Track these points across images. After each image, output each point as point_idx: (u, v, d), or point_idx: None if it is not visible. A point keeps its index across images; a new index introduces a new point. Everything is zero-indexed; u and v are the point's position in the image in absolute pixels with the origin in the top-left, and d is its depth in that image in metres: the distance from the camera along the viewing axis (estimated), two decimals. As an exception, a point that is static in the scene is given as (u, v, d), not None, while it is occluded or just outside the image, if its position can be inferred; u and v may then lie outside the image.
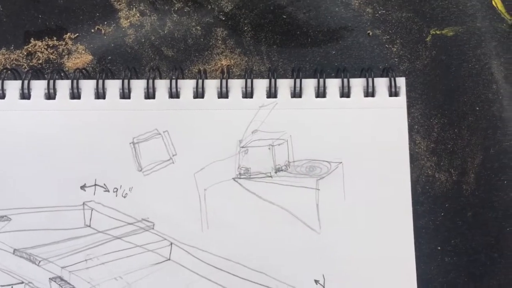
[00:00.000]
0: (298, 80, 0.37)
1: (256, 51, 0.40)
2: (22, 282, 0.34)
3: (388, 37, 0.41)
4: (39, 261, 0.34)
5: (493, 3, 0.41)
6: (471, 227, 0.37)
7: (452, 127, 0.38)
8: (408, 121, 0.38)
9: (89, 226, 0.35)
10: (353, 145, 0.36)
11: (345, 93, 0.37)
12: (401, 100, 0.37)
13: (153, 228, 0.35)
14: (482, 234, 0.37)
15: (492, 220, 0.37)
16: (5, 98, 0.36)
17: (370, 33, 0.41)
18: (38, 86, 0.37)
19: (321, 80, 0.37)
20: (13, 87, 0.37)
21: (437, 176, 0.38)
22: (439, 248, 0.37)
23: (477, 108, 0.39)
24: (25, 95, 0.37)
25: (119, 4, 0.41)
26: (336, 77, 0.38)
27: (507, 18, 0.40)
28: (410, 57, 0.40)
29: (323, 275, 0.34)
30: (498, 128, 0.38)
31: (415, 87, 0.39)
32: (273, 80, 0.37)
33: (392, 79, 0.37)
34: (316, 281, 0.34)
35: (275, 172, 0.36)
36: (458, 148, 0.38)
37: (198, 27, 0.41)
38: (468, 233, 0.37)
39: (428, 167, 0.38)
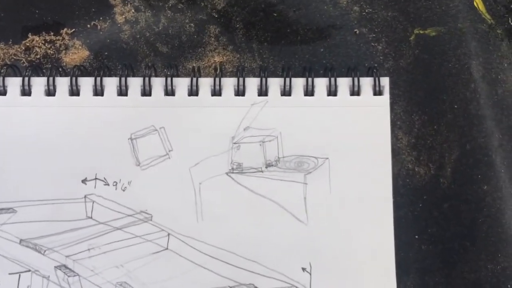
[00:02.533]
0: (288, 79, 0.39)
1: (248, 48, 0.42)
2: (29, 270, 0.36)
3: (374, 35, 0.42)
4: (45, 251, 0.36)
5: (475, 3, 0.43)
6: (447, 217, 0.40)
7: (431, 124, 0.41)
8: (390, 117, 0.40)
9: (91, 217, 0.37)
10: (339, 141, 0.38)
11: (332, 91, 0.39)
12: (385, 99, 0.39)
13: (151, 220, 0.37)
14: (457, 224, 0.40)
15: (466, 212, 0.40)
16: (7, 95, 0.38)
17: (357, 32, 0.43)
18: (38, 83, 0.38)
19: (310, 79, 0.39)
20: (14, 83, 0.38)
21: (416, 169, 0.41)
22: (416, 236, 0.40)
23: (456, 106, 0.41)
24: (25, 91, 0.38)
25: (114, 0, 0.42)
26: (324, 75, 0.40)
27: (487, 19, 0.43)
28: (395, 55, 0.42)
29: (309, 263, 0.37)
30: (474, 126, 0.41)
31: (398, 85, 0.42)
32: (264, 79, 0.39)
33: (377, 78, 0.39)
34: (304, 269, 0.37)
35: (266, 167, 0.38)
36: (437, 143, 0.41)
37: (192, 24, 0.42)
38: (444, 223, 0.40)
39: (409, 161, 0.41)
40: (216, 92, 0.39)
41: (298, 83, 0.39)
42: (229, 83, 0.39)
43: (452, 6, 0.42)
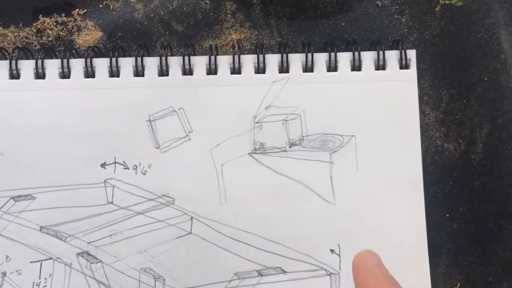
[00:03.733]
0: (309, 55, 0.37)
1: (266, 25, 0.40)
2: (51, 258, 0.35)
3: (397, 7, 0.41)
4: (66, 237, 0.35)
5: (503, -29, 0.41)
6: (479, 195, 0.38)
7: (460, 97, 0.39)
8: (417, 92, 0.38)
9: (112, 202, 0.36)
10: (365, 118, 0.37)
11: (356, 66, 0.37)
12: (412, 72, 0.37)
13: (173, 204, 0.36)
14: (489, 201, 0.38)
15: (499, 188, 0.38)
16: (20, 78, 0.37)
17: (379, 4, 0.41)
18: (52, 65, 0.37)
19: (332, 54, 0.37)
20: (27, 66, 0.37)
21: (446, 146, 0.39)
22: (448, 215, 0.38)
23: (485, 79, 0.39)
24: (39, 74, 0.37)
25: (126, -22, 0.41)
26: (346, 49, 0.39)
27: (516, -14, 0.41)
28: (419, 27, 0.40)
29: (338, 245, 0.36)
30: (506, 98, 0.39)
31: (424, 58, 0.40)
32: (284, 55, 0.37)
33: (403, 51, 0.37)
34: (332, 251, 0.36)
35: (289, 147, 0.37)
36: (467, 118, 0.39)
37: (207, 1, 0.41)
38: (476, 201, 0.38)
39: (437, 138, 0.39)
40: (236, 70, 0.37)
41: (320, 59, 0.37)
42: (248, 61, 0.37)
43: (480, -26, 0.40)
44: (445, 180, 0.39)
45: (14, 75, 0.37)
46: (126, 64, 0.37)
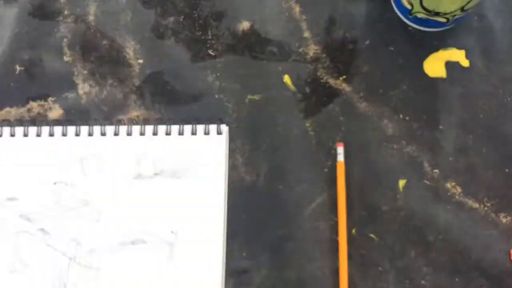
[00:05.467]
0: (169, 126, 0.70)
1: (153, 108, 0.73)
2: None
3: (226, 98, 0.73)
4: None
5: (284, 80, 0.73)
6: (265, 202, 0.69)
7: (255, 149, 0.70)
8: (232, 147, 0.69)
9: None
10: (196, 161, 0.68)
11: (194, 132, 0.69)
12: (223, 137, 0.69)
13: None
14: (272, 206, 0.69)
15: (273, 198, 0.69)
16: (15, 136, 0.70)
17: (217, 96, 0.73)
18: (31, 129, 0.70)
19: (181, 126, 0.70)
20: (19, 130, 0.70)
21: (246, 177, 0.70)
22: (244, 212, 0.69)
23: (268, 140, 0.71)
24: (26, 135, 0.70)
25: (78, 80, 0.74)
26: (192, 123, 0.71)
27: (291, 89, 0.72)
28: (238, 110, 0.72)
29: (175, 230, 0.67)
30: (277, 150, 0.70)
31: (240, 128, 0.71)
32: (156, 126, 0.70)
33: (219, 125, 0.69)
34: (172, 232, 0.67)
35: (154, 175, 0.69)
36: (257, 160, 0.70)
37: (121, 94, 0.74)
38: (260, 204, 0.69)
39: (242, 172, 0.70)
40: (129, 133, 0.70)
41: (175, 129, 0.70)
42: (136, 129, 0.70)
43: (270, 81, 0.72)
44: (244, 194, 0.69)
45: (12, 134, 0.70)
46: (84, 130, 0.70)
